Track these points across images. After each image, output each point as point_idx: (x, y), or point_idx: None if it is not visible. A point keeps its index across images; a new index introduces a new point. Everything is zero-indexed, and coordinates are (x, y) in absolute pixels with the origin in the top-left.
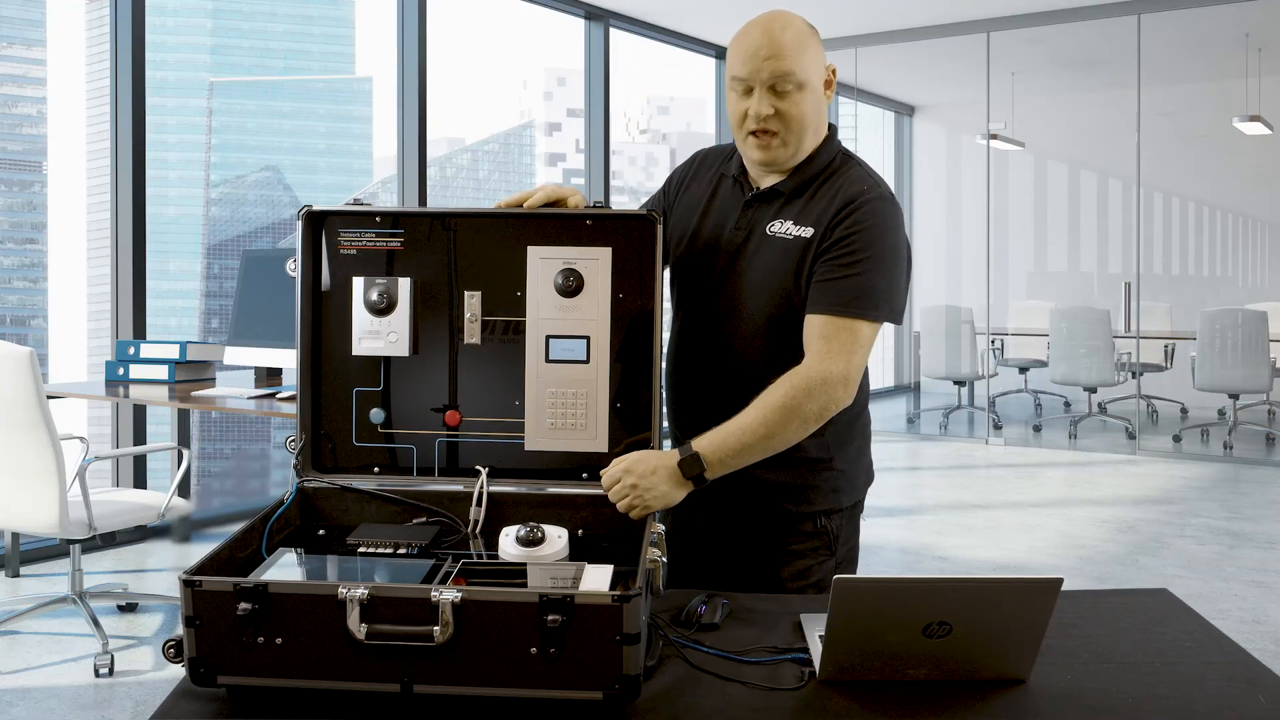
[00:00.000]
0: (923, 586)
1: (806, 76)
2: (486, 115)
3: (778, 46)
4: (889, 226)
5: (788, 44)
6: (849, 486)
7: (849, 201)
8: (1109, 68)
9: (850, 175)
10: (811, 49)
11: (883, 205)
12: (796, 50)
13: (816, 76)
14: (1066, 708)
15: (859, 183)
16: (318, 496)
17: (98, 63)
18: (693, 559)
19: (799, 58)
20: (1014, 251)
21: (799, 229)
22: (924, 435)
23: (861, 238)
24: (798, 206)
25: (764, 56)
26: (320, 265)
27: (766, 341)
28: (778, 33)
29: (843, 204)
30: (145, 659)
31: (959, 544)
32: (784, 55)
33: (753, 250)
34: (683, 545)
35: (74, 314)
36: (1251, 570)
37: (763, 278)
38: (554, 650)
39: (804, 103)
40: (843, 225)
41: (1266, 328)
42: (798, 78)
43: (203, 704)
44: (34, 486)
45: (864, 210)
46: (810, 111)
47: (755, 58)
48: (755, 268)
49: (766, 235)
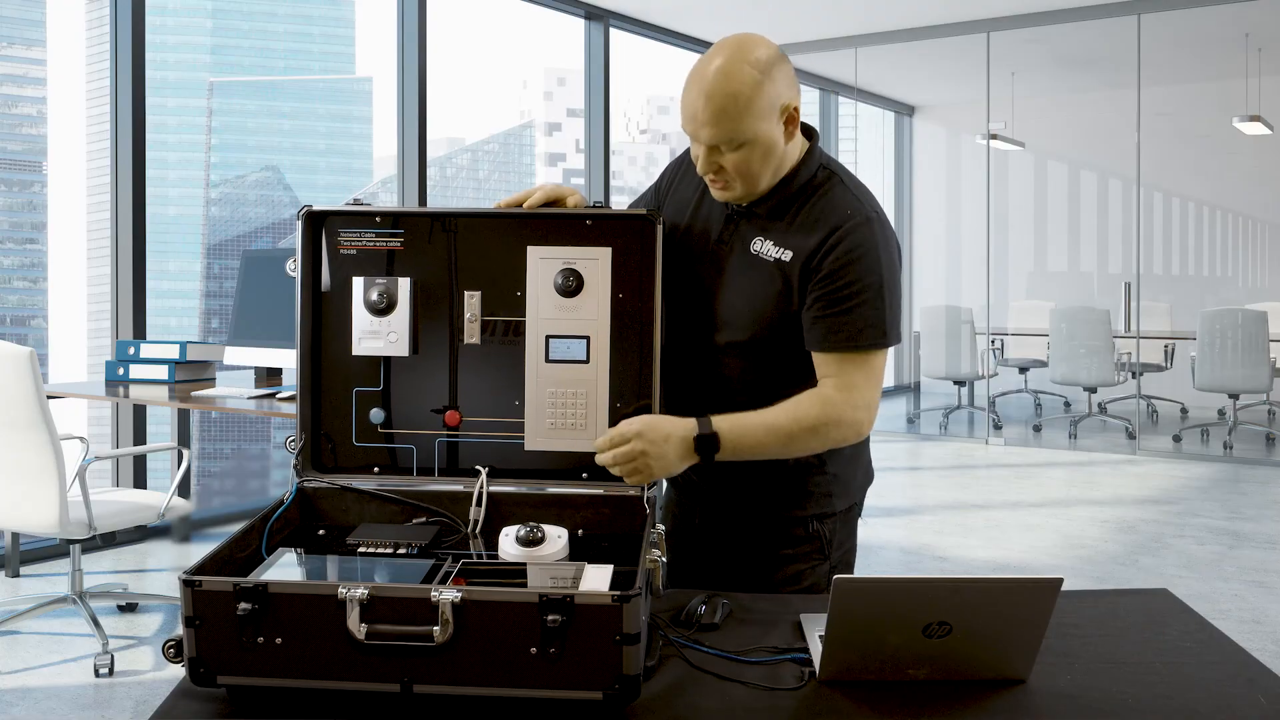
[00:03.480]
0: (923, 586)
1: (749, 135)
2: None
3: (711, 114)
4: (880, 250)
5: (722, 111)
6: (842, 490)
7: (833, 230)
8: (1109, 68)
9: (833, 198)
10: (755, 104)
11: (869, 229)
12: (734, 115)
13: (764, 128)
14: (1066, 708)
15: (842, 207)
16: (318, 496)
17: (98, 63)
18: (690, 561)
19: (737, 122)
20: (1014, 251)
21: (778, 251)
22: (924, 435)
23: (855, 269)
24: (779, 228)
25: (699, 123)
26: (320, 265)
27: (747, 359)
28: (715, 95)
29: (827, 232)
30: (145, 659)
31: (959, 544)
32: (718, 123)
33: (735, 267)
34: (680, 547)
35: (74, 314)
36: (1251, 570)
37: (745, 299)
38: (554, 650)
39: (750, 157)
40: (831, 256)
41: (1266, 328)
42: (737, 140)
43: (203, 704)
44: (34, 486)
45: (852, 238)
46: (758, 162)
47: (692, 120)
48: (738, 287)
49: (749, 253)
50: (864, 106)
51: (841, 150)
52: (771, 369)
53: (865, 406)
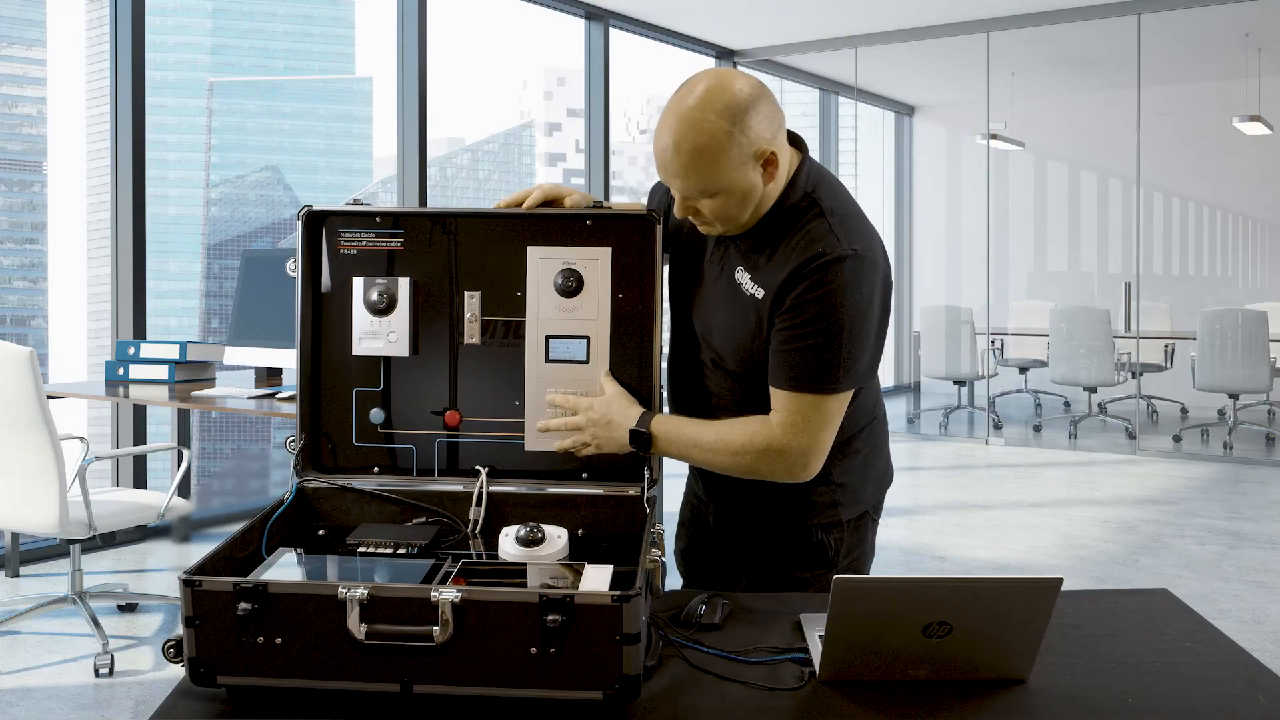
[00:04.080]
0: (923, 586)
1: (721, 186)
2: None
3: (680, 167)
4: (850, 289)
5: (692, 165)
6: (850, 500)
7: (803, 265)
8: (1109, 68)
9: (809, 232)
10: (726, 156)
11: (839, 267)
12: (704, 168)
13: (739, 176)
14: (1066, 708)
15: (817, 242)
16: (318, 496)
17: (98, 63)
18: (704, 558)
19: (709, 175)
20: (1014, 251)
21: (754, 288)
22: (924, 435)
23: (817, 305)
24: (759, 261)
25: (670, 174)
26: (320, 265)
27: (734, 383)
28: (683, 149)
29: (796, 266)
30: (145, 659)
31: (959, 544)
32: (688, 176)
33: (722, 292)
34: (696, 540)
35: (74, 314)
36: (1251, 570)
37: (729, 328)
38: (554, 650)
39: (726, 204)
40: (796, 291)
41: (1266, 328)
42: (710, 190)
43: (203, 704)
44: (34, 486)
45: (821, 275)
46: (735, 207)
47: (664, 170)
48: (724, 313)
49: (734, 281)
50: (864, 106)
51: (841, 150)
52: (756, 391)
53: (805, 451)
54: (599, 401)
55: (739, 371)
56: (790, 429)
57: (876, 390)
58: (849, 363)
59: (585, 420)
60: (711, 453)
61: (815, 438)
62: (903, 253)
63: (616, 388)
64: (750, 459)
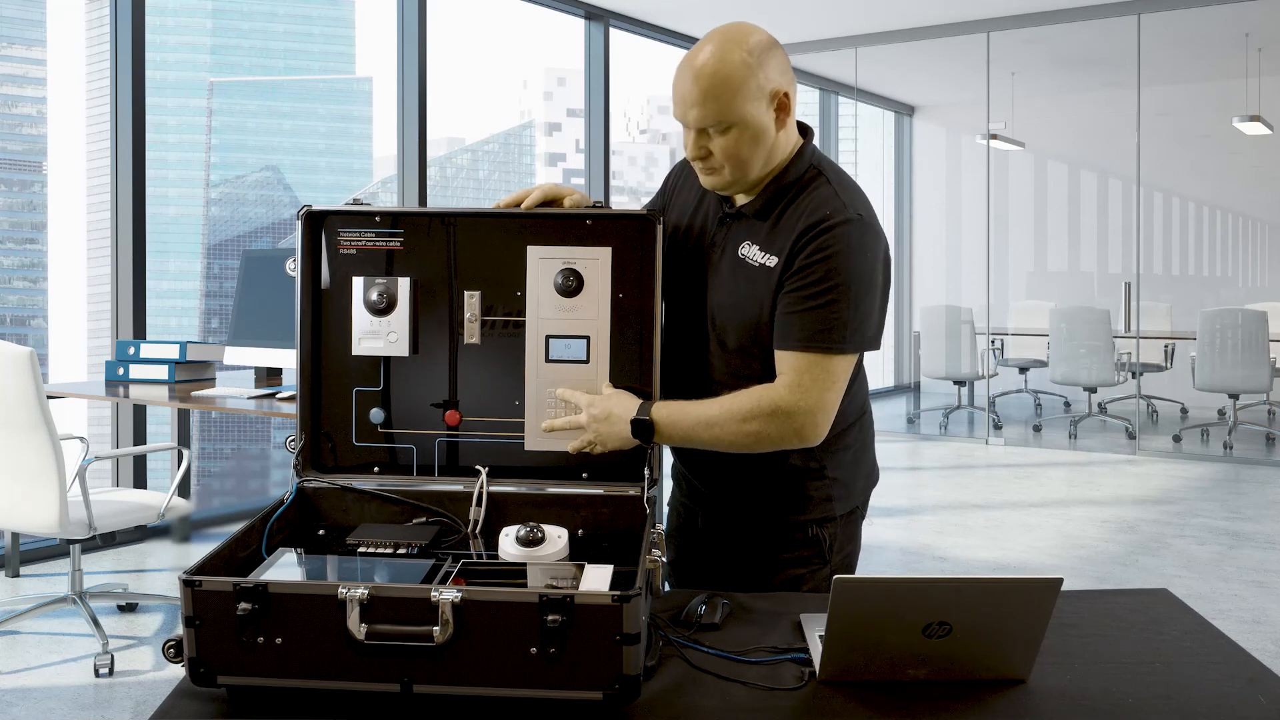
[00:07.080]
0: (923, 586)
1: (737, 117)
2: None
3: (699, 94)
4: (856, 252)
5: (711, 91)
6: (843, 495)
7: (811, 226)
8: (1109, 68)
9: (817, 196)
10: (744, 87)
11: (849, 229)
12: (722, 95)
13: (754, 111)
14: (1066, 708)
15: (825, 205)
16: (318, 496)
17: (98, 63)
18: (693, 562)
19: (726, 103)
20: (1014, 251)
21: (764, 256)
22: (924, 435)
23: (825, 266)
24: (764, 229)
25: (688, 104)
26: (320, 265)
27: (738, 364)
28: (703, 76)
29: (805, 229)
30: (145, 659)
31: (959, 544)
32: (705, 102)
33: (726, 271)
34: (684, 548)
35: (74, 314)
36: (1251, 570)
37: (734, 304)
38: (554, 650)
39: (739, 141)
40: (805, 252)
41: (1266, 328)
42: (725, 122)
43: (203, 704)
44: (34, 486)
45: (828, 236)
46: (746, 147)
47: (681, 102)
48: (728, 292)
49: (738, 258)
50: (864, 106)
51: (841, 150)
52: (761, 371)
53: (813, 410)
54: (599, 398)
55: (741, 346)
56: (797, 389)
57: (865, 387)
58: (856, 323)
59: (587, 417)
60: (718, 426)
61: (822, 397)
62: (903, 253)
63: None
64: (759, 424)
